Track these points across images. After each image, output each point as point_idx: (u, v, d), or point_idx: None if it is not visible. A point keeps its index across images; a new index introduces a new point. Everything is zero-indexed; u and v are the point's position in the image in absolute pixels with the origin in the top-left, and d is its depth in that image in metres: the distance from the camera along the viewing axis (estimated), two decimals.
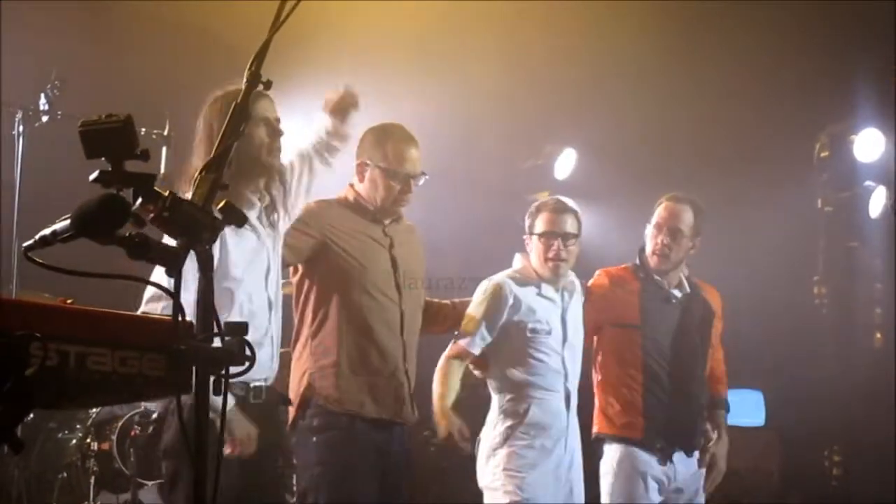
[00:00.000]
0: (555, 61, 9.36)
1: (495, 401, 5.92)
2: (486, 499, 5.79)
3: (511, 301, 5.83)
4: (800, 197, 10.70)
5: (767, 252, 9.99)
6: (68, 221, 2.56)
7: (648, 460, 6.00)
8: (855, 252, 11.07)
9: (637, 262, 6.28)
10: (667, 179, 6.43)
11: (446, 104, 8.36)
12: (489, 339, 5.81)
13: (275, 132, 4.75)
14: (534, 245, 5.97)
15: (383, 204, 5.42)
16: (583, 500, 5.97)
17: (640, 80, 9.64)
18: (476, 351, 5.81)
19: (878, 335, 11.07)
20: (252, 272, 4.69)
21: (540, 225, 5.94)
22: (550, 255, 5.88)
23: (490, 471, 5.79)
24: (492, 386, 5.95)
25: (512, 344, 5.84)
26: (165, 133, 7.78)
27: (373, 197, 5.43)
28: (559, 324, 5.91)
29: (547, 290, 5.92)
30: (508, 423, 5.79)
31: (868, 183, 10.47)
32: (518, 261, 6.04)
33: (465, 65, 9.02)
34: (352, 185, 5.51)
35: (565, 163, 10.45)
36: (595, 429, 6.16)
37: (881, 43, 9.01)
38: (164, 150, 7.76)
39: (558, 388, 5.86)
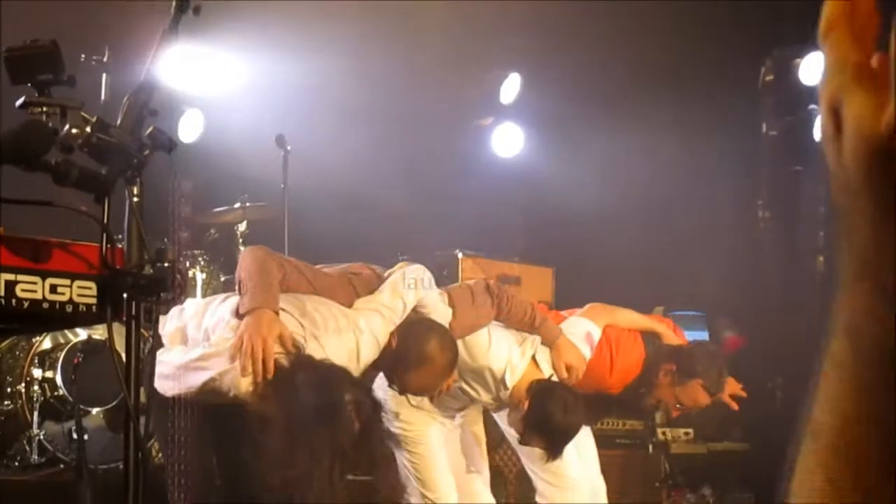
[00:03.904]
0: None
1: None
2: None
3: None
4: (745, 121, 10.75)
5: (712, 176, 10.03)
6: None
7: None
8: (799, 176, 11.15)
9: None
10: (610, 102, 6.41)
11: (389, 33, 8.29)
12: None
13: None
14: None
15: None
16: None
17: (583, 2, 9.60)
18: None
19: (821, 258, 11.18)
20: None
21: None
22: None
23: None
24: None
25: None
26: (105, 59, 7.65)
27: None
28: None
29: None
30: None
31: (812, 107, 10.52)
32: None
33: None
34: None
35: (510, 87, 10.41)
36: None
37: None
38: (104, 76, 7.63)
39: None
